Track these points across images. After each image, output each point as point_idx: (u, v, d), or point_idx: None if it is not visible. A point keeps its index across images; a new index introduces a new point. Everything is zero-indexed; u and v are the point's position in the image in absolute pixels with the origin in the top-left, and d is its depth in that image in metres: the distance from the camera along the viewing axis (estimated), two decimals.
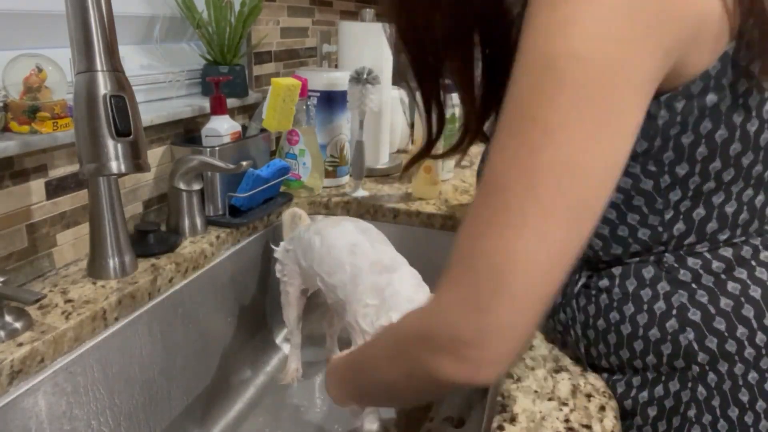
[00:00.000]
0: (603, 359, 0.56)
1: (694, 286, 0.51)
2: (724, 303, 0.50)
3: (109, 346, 0.68)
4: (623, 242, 0.53)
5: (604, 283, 0.55)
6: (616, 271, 0.54)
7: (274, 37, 1.25)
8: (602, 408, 0.53)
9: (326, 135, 1.13)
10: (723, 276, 0.50)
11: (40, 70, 0.72)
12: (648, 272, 0.53)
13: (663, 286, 0.52)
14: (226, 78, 1.00)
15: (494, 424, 0.51)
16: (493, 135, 0.44)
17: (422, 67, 0.61)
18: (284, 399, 0.96)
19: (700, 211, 0.50)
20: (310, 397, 0.96)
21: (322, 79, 1.12)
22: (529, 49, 0.40)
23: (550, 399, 0.54)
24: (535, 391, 0.56)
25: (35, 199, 0.73)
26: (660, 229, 0.51)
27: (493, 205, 0.42)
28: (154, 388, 0.77)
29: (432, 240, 0.86)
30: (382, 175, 1.26)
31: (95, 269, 0.74)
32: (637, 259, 0.53)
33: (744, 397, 0.49)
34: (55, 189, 0.75)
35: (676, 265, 0.52)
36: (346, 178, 1.18)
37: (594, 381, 0.57)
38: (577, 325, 0.58)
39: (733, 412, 0.49)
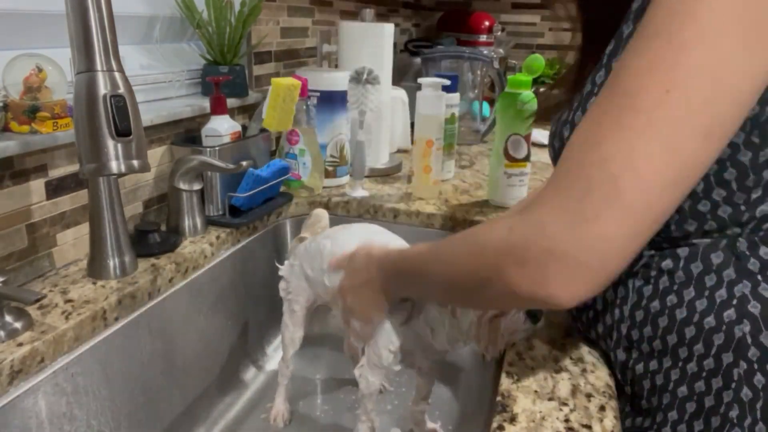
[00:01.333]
0: (645, 343, 0.53)
1: (759, 277, 0.48)
2: None
3: (109, 346, 0.69)
4: (701, 218, 0.49)
5: (668, 264, 0.52)
6: (682, 252, 0.51)
7: (274, 37, 1.25)
8: (602, 408, 0.53)
9: (326, 135, 1.13)
10: None
11: (40, 70, 0.72)
12: (717, 257, 0.50)
13: (729, 274, 0.49)
14: (226, 78, 1.00)
15: (494, 424, 0.51)
16: (632, 40, 0.42)
17: None
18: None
19: None
20: (311, 397, 0.96)
21: (322, 79, 1.12)
22: None
23: (550, 399, 0.54)
24: (535, 391, 0.55)
25: (35, 199, 0.73)
26: (743, 208, 0.48)
27: (618, 109, 0.39)
28: (154, 388, 0.77)
29: (432, 240, 0.86)
30: (382, 175, 1.26)
31: (95, 269, 0.74)
32: (708, 240, 0.51)
33: None
34: (55, 189, 0.75)
35: (747, 252, 0.49)
36: (346, 178, 1.18)
37: (594, 381, 0.57)
38: (626, 306, 0.55)
39: None
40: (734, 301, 0.49)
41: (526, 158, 1.05)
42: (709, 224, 0.50)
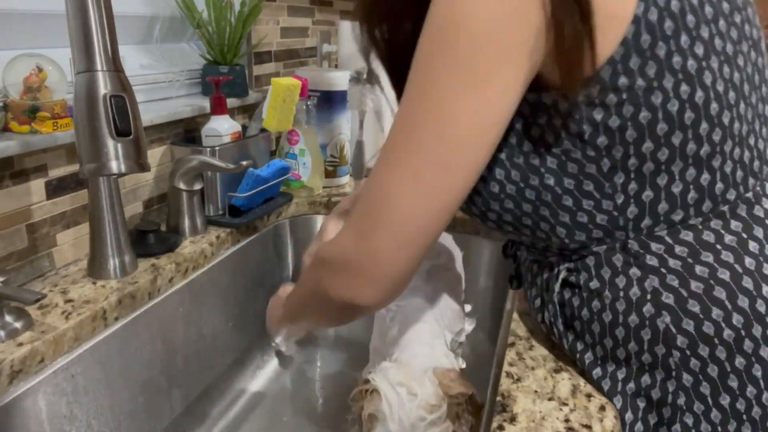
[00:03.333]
0: (589, 350, 0.56)
1: (663, 270, 0.51)
2: (695, 286, 0.50)
3: (109, 346, 0.69)
4: (585, 228, 0.53)
5: (584, 275, 0.55)
6: (590, 261, 0.55)
7: (274, 37, 1.25)
8: (602, 408, 0.53)
9: (326, 135, 1.13)
10: (690, 260, 0.51)
11: (40, 70, 0.72)
12: (618, 260, 0.53)
13: (634, 272, 0.52)
14: (226, 78, 1.00)
15: (494, 424, 0.51)
16: None
17: (394, 70, 0.65)
18: (284, 399, 0.96)
19: (648, 193, 0.50)
20: (310, 397, 0.96)
21: (322, 79, 1.12)
22: (429, 16, 0.46)
23: (550, 399, 0.54)
24: (535, 391, 0.56)
25: (35, 199, 0.73)
26: (615, 213, 0.51)
27: (385, 146, 0.49)
28: (154, 388, 0.77)
29: None
30: None
31: (95, 269, 0.74)
32: (604, 246, 0.54)
33: (733, 383, 0.49)
34: (55, 189, 0.75)
35: (641, 251, 0.52)
36: (346, 178, 1.18)
37: None
38: (560, 320, 0.58)
39: (725, 400, 0.49)
40: (648, 296, 0.51)
41: None
42: (595, 232, 0.53)
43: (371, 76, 1.04)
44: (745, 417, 0.49)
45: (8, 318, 0.61)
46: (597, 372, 0.56)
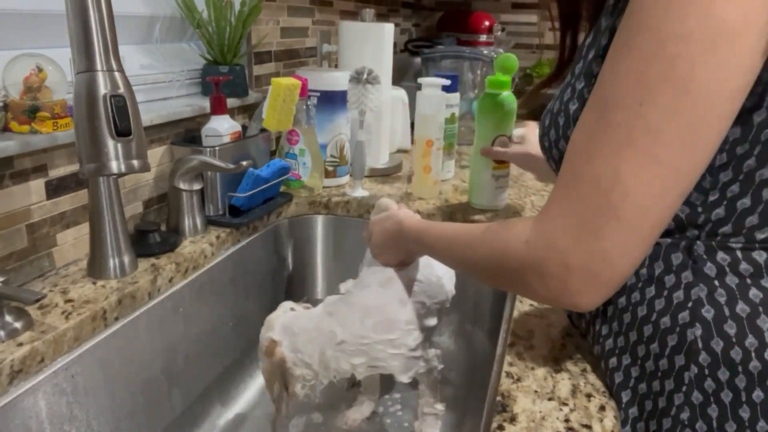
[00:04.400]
0: (611, 338, 0.55)
1: (716, 282, 0.49)
2: (740, 308, 0.48)
3: (109, 346, 0.68)
4: None
5: None
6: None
7: (274, 37, 1.25)
8: (602, 408, 0.53)
9: (326, 135, 1.13)
10: (748, 280, 0.48)
11: (40, 70, 0.72)
12: (676, 258, 0.51)
13: (687, 276, 0.50)
14: (226, 78, 1.00)
15: (494, 424, 0.51)
16: (610, 48, 0.44)
17: None
18: None
19: (745, 201, 0.48)
20: (311, 397, 0.96)
21: (322, 79, 1.12)
22: None
23: (550, 399, 0.54)
24: (535, 391, 0.56)
25: (35, 199, 0.73)
26: (699, 209, 0.49)
27: (600, 122, 0.42)
28: (154, 388, 0.77)
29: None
30: (382, 175, 1.26)
31: (95, 269, 0.74)
32: (669, 240, 0.51)
33: (744, 414, 0.47)
34: (55, 189, 0.75)
35: (705, 256, 0.50)
36: (346, 178, 1.18)
37: (594, 381, 0.57)
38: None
39: (731, 427, 0.47)
40: (689, 304, 0.49)
41: None
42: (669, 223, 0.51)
43: (371, 76, 1.04)
44: None
45: (8, 318, 0.61)
46: (613, 362, 0.55)
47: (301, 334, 0.69)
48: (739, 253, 0.49)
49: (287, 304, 0.74)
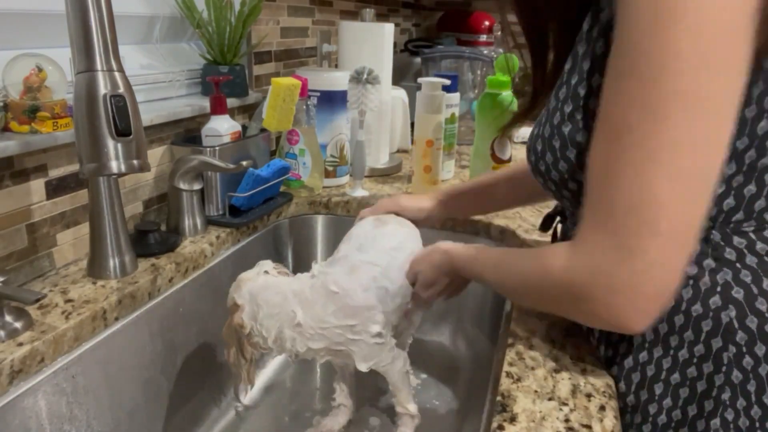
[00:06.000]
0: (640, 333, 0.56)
1: (738, 265, 0.51)
2: (767, 284, 0.50)
3: (109, 346, 0.68)
4: None
5: None
6: None
7: (274, 36, 1.25)
8: (602, 408, 0.53)
9: (326, 135, 1.13)
10: (766, 258, 0.51)
11: (40, 70, 0.72)
12: (695, 249, 0.52)
13: (709, 263, 0.52)
14: (226, 78, 1.00)
15: (494, 424, 0.51)
16: (604, 84, 0.46)
17: (532, 28, 0.64)
18: (285, 399, 0.96)
19: (751, 188, 0.50)
20: (311, 397, 0.96)
21: (322, 79, 1.12)
22: None
23: (550, 399, 0.54)
24: (535, 391, 0.56)
25: (35, 199, 0.73)
26: (711, 203, 0.50)
27: (618, 150, 0.44)
28: (154, 388, 0.77)
29: (432, 240, 0.86)
30: (382, 175, 1.26)
31: (95, 269, 0.74)
32: None
33: None
34: (55, 189, 0.75)
35: (722, 243, 0.52)
36: (346, 178, 1.18)
37: (594, 381, 0.57)
38: None
39: None
40: (718, 288, 0.51)
41: (510, 158, 1.05)
42: None
43: (371, 75, 1.04)
44: None
45: (8, 318, 0.61)
46: (643, 356, 0.55)
47: (263, 307, 0.69)
48: (753, 235, 0.51)
49: (264, 265, 0.75)
